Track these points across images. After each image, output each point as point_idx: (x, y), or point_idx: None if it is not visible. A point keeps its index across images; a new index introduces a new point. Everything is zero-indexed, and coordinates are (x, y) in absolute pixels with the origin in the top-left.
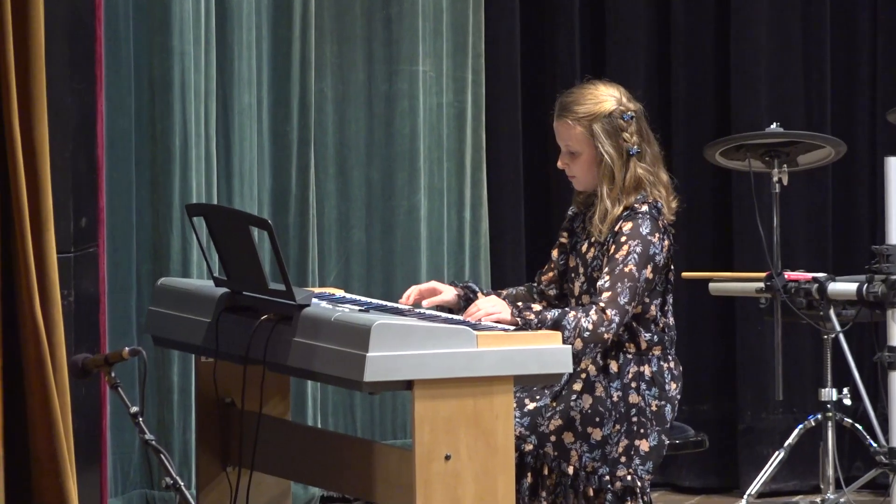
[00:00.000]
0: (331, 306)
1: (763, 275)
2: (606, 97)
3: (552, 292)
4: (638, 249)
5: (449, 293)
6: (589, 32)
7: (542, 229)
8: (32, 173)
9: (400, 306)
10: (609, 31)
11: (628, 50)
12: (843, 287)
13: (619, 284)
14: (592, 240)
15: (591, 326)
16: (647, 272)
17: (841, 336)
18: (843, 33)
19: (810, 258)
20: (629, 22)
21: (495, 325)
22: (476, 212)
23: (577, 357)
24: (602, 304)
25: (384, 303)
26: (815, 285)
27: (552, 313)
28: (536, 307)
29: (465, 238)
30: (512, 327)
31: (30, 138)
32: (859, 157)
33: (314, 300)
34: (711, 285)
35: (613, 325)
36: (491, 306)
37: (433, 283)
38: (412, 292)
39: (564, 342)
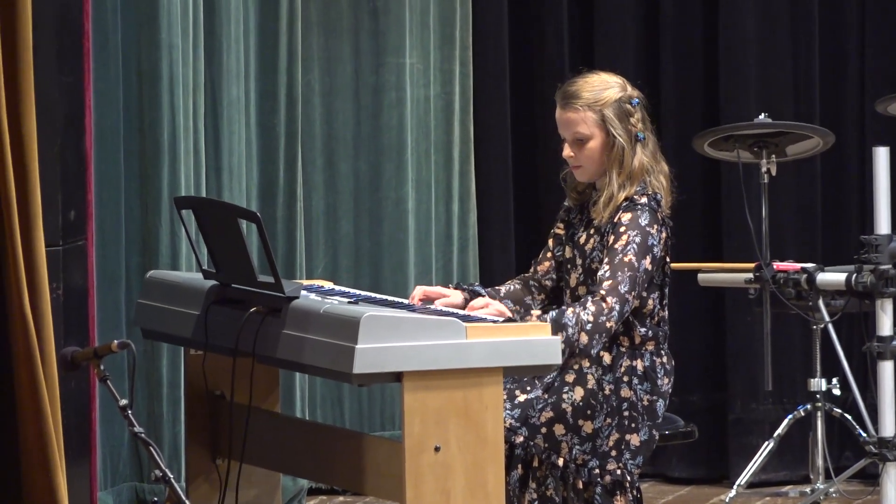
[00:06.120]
0: (320, 298)
1: (752, 265)
2: (612, 83)
3: (549, 283)
4: (637, 240)
5: (456, 297)
6: (577, 24)
7: (531, 221)
8: (21, 167)
9: (389, 298)
10: (597, 23)
11: (616, 41)
12: (832, 277)
13: (620, 273)
14: (591, 231)
15: (591, 318)
16: (647, 263)
17: (830, 326)
18: (831, 23)
19: (799, 248)
20: (617, 13)
21: (486, 317)
22: (464, 204)
23: (585, 352)
24: (602, 293)
25: (373, 295)
26: (804, 276)
27: (550, 315)
28: (536, 312)
29: (453, 230)
30: (501, 318)
31: (18, 132)
32: (848, 148)
33: (303, 292)
34: (701, 276)
35: (615, 313)
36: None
37: (439, 288)
38: (418, 293)
39: (569, 339)
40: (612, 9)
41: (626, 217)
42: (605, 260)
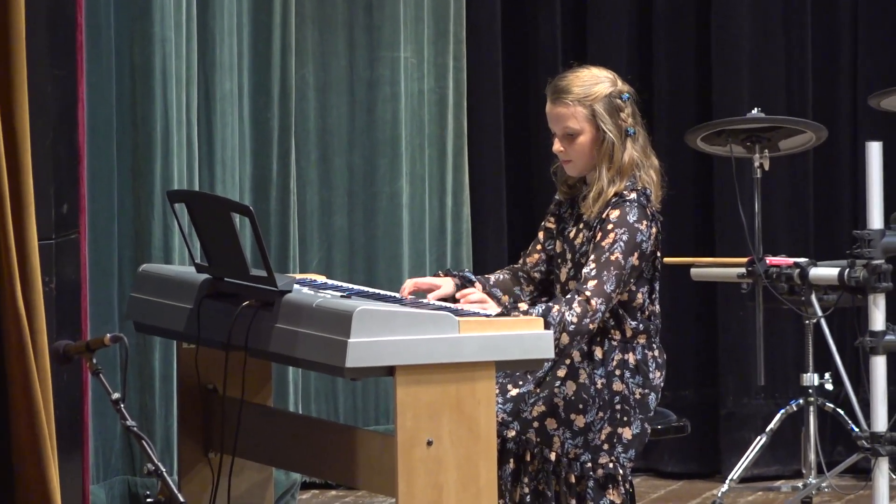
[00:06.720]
0: (312, 292)
1: (744, 260)
2: (602, 78)
3: (537, 275)
4: (624, 237)
5: (447, 285)
6: (570, 18)
7: (524, 215)
8: (13, 160)
9: (381, 292)
10: (590, 16)
11: (610, 35)
12: (825, 272)
13: (606, 273)
14: (581, 225)
15: (575, 319)
16: (634, 259)
17: (822, 321)
18: (824, 18)
19: (792, 243)
20: (611, 7)
21: (478, 311)
22: (458, 198)
23: (564, 352)
24: (587, 294)
25: (366, 289)
26: (797, 270)
27: (536, 310)
28: (523, 306)
29: (446, 224)
30: (493, 312)
31: (11, 126)
32: (840, 142)
33: (296, 286)
34: (693, 271)
35: (598, 315)
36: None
37: (430, 279)
38: (409, 285)
39: None
40: (606, 3)
41: (614, 214)
42: (591, 257)
